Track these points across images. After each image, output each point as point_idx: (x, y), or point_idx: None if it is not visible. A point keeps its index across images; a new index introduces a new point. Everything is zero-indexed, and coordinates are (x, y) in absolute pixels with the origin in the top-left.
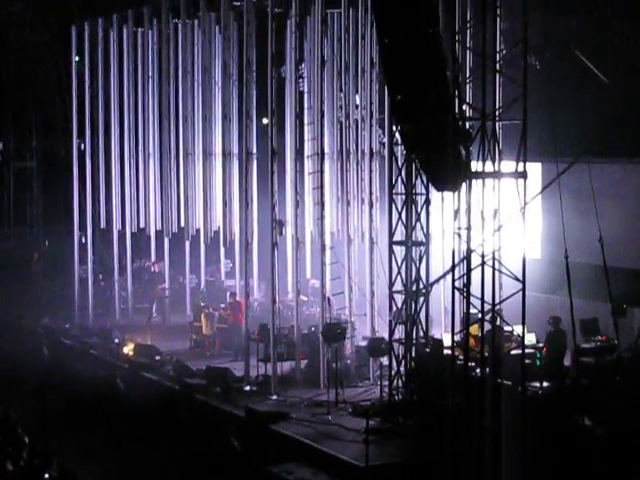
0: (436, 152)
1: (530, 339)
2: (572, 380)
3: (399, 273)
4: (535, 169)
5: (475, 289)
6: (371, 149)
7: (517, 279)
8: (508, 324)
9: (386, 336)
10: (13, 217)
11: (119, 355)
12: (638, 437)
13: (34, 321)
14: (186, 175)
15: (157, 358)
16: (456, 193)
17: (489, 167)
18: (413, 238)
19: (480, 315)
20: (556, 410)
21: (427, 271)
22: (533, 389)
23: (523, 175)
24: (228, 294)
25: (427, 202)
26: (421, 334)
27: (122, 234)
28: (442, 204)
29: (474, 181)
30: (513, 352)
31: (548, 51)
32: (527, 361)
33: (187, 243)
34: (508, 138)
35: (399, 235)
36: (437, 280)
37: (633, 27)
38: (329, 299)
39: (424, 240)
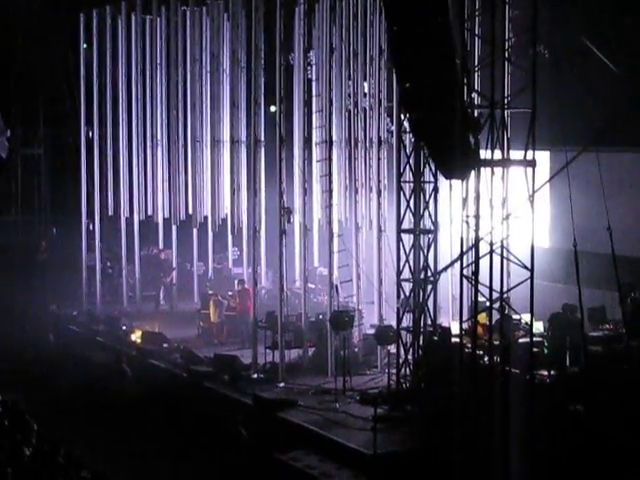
0: (444, 140)
1: (538, 327)
2: (580, 368)
3: (407, 261)
4: (543, 157)
5: (483, 277)
6: (379, 137)
7: (525, 267)
8: (516, 312)
9: (394, 324)
10: (20, 205)
11: (127, 342)
12: None
13: (41, 309)
14: (194, 162)
15: (165, 345)
16: (464, 181)
17: (498, 155)
18: (421, 226)
19: (488, 303)
20: (563, 399)
21: (435, 259)
22: (541, 377)
23: (532, 163)
24: (236, 282)
25: (435, 190)
26: (429, 322)
27: (130, 222)
28: (450, 192)
29: (482, 169)
30: (521, 340)
31: (557, 40)
32: (535, 349)
33: (195, 231)
34: (517, 126)
35: (407, 223)
36: (445, 268)
37: None
38: (337, 287)
39: (432, 228)
